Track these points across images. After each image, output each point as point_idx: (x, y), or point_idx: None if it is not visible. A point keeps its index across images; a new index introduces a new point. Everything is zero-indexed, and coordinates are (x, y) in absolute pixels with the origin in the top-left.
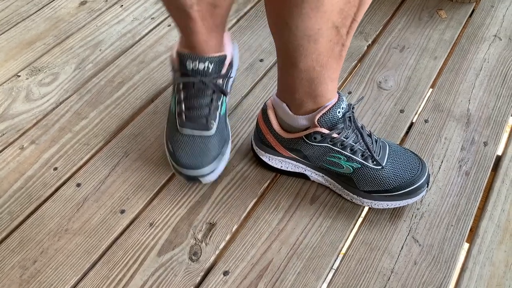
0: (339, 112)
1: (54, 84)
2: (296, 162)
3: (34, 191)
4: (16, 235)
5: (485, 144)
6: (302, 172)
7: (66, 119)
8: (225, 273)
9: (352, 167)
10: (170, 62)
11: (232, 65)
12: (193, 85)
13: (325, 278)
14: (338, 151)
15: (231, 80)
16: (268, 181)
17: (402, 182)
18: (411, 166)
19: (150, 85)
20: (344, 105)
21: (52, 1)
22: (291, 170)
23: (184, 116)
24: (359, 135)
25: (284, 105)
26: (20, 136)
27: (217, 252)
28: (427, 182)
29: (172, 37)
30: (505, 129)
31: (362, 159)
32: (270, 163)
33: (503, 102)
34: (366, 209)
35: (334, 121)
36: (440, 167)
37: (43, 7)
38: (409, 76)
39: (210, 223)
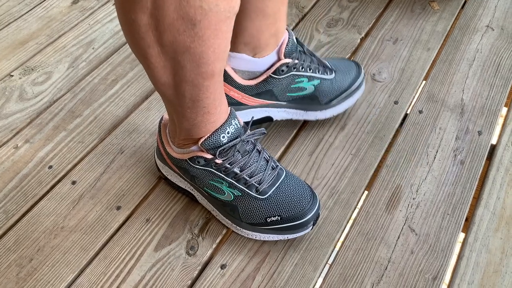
0: (223, 137)
1: (48, 83)
2: (184, 180)
3: (29, 190)
4: (12, 233)
5: (480, 133)
6: (189, 191)
7: (60, 118)
8: (223, 266)
9: (233, 194)
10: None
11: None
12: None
13: (323, 269)
14: (220, 176)
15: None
16: None
17: (286, 214)
18: (299, 200)
19: (144, 82)
20: (231, 129)
21: (44, 1)
22: (182, 186)
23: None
24: (249, 161)
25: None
26: (14, 135)
27: (214, 246)
28: (314, 219)
29: None
30: (499, 118)
31: (245, 187)
32: (167, 176)
33: (497, 92)
34: (362, 200)
35: (218, 145)
36: (435, 157)
37: (35, 6)
38: (403, 68)
39: (207, 217)
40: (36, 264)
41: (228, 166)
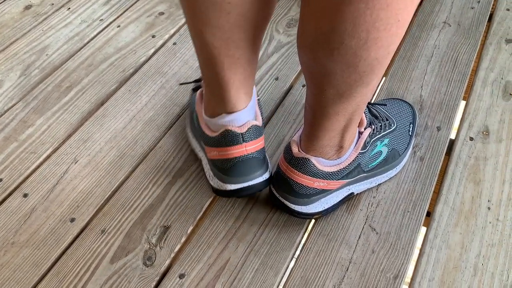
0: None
1: None
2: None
3: None
4: None
5: (438, 128)
6: (348, 193)
7: (11, 128)
8: (181, 276)
9: (385, 144)
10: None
11: None
12: None
13: (284, 273)
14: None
15: None
16: None
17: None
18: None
19: (99, 88)
20: None
21: None
22: (337, 200)
23: None
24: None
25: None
26: None
27: (172, 255)
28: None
29: (122, 38)
30: (457, 113)
31: (388, 130)
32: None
33: (455, 87)
34: None
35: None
36: None
37: None
38: None
39: (165, 226)
40: None
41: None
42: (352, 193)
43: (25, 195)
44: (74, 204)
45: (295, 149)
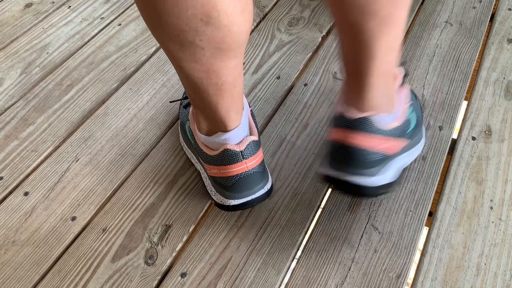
0: None
1: None
2: None
3: None
4: None
5: (440, 128)
6: (402, 163)
7: (12, 126)
8: (183, 275)
9: (412, 111)
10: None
11: None
12: None
13: (286, 272)
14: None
15: None
16: None
17: None
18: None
19: (100, 86)
20: None
21: None
22: (396, 170)
23: None
24: None
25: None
26: None
27: (174, 254)
28: None
29: (123, 36)
30: (459, 113)
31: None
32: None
33: (456, 86)
34: (325, 199)
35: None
36: None
37: None
38: None
39: (166, 224)
40: None
41: None
42: (405, 165)
43: (26, 194)
44: (75, 202)
45: (350, 112)
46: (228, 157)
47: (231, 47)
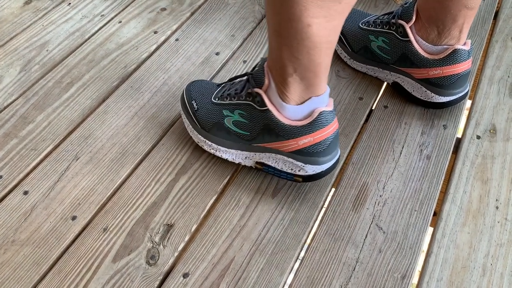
0: None
1: None
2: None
3: None
4: None
5: (445, 127)
6: None
7: (11, 124)
8: (185, 275)
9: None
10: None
11: None
12: None
13: (289, 273)
14: None
15: None
16: (228, 177)
17: None
18: None
19: (100, 84)
20: None
21: None
22: None
23: None
24: None
25: None
26: None
27: (176, 254)
28: None
29: (123, 34)
30: (463, 111)
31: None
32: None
33: None
34: (329, 199)
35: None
36: (401, 153)
37: None
38: None
39: (168, 224)
40: None
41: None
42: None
43: (26, 193)
44: (76, 201)
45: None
46: (324, 119)
47: (353, 2)
